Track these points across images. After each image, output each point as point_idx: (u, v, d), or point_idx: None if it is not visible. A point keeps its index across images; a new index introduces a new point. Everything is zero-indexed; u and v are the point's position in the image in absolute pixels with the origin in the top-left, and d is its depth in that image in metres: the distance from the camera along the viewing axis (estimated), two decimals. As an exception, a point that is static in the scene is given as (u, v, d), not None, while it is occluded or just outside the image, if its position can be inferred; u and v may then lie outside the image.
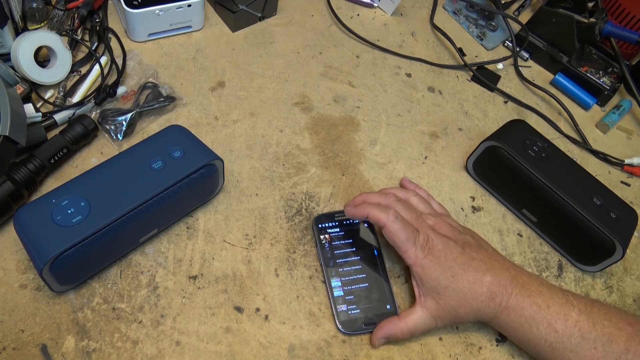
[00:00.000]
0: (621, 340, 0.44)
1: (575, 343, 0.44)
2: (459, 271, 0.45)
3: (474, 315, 0.47)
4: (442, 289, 0.45)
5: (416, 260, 0.46)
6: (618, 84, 0.76)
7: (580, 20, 0.74)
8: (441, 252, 0.46)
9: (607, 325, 0.45)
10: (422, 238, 0.47)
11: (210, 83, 0.63)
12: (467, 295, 0.45)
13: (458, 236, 0.49)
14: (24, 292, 0.45)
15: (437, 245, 0.46)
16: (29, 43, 0.54)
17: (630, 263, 0.61)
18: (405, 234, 0.46)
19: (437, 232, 0.48)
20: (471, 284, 0.45)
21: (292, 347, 0.47)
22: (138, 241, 0.49)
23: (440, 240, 0.47)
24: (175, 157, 0.47)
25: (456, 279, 0.45)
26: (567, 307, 0.46)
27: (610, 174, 0.70)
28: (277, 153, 0.59)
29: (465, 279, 0.45)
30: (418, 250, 0.46)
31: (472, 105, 0.71)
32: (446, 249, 0.46)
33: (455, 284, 0.45)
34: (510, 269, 0.47)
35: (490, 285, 0.45)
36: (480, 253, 0.47)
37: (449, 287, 0.45)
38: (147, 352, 0.44)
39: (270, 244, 0.53)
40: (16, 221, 0.42)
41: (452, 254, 0.46)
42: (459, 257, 0.46)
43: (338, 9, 0.76)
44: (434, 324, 0.47)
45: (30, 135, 0.50)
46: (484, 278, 0.45)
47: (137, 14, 0.60)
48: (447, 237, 0.48)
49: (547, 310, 0.45)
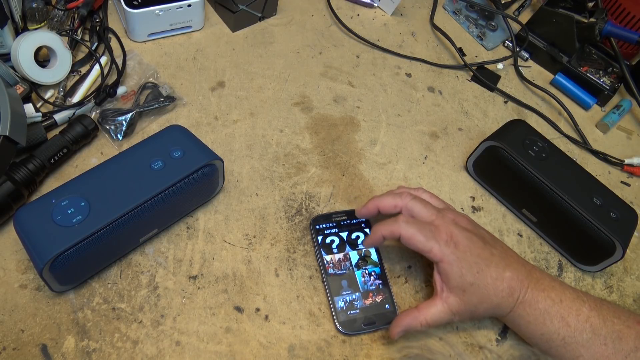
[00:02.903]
0: (630, 339, 0.44)
1: (587, 338, 0.45)
2: (483, 267, 0.45)
3: (492, 311, 0.47)
4: (467, 286, 0.45)
5: (443, 257, 0.45)
6: (618, 84, 0.76)
7: (580, 20, 0.74)
8: (466, 248, 0.45)
9: (616, 323, 0.45)
10: (445, 234, 0.46)
11: (210, 83, 0.63)
12: (489, 291, 0.45)
13: (476, 230, 0.48)
14: (24, 292, 0.46)
15: (462, 240, 0.45)
16: (29, 43, 0.54)
17: (630, 263, 0.61)
18: (423, 235, 0.45)
19: (459, 226, 0.47)
20: (494, 280, 0.45)
21: (292, 347, 0.47)
22: (138, 241, 0.49)
23: (464, 235, 0.46)
24: (175, 157, 0.47)
25: (481, 275, 0.45)
26: (579, 303, 0.46)
27: (610, 174, 0.70)
28: (277, 153, 0.59)
29: (489, 275, 0.45)
30: (443, 247, 0.45)
31: (472, 105, 0.71)
32: (470, 243, 0.45)
33: (480, 280, 0.45)
34: (524, 263, 0.48)
35: (510, 281, 0.45)
36: (497, 247, 0.47)
37: (475, 283, 0.45)
38: (147, 352, 0.44)
39: (270, 244, 0.53)
40: (16, 221, 0.42)
41: (476, 249, 0.45)
42: (482, 252, 0.45)
43: (338, 9, 0.76)
44: (452, 319, 0.47)
45: (30, 135, 0.50)
46: (504, 274, 0.45)
47: (137, 14, 0.60)
48: (469, 231, 0.47)
49: (561, 304, 0.45)
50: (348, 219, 0.55)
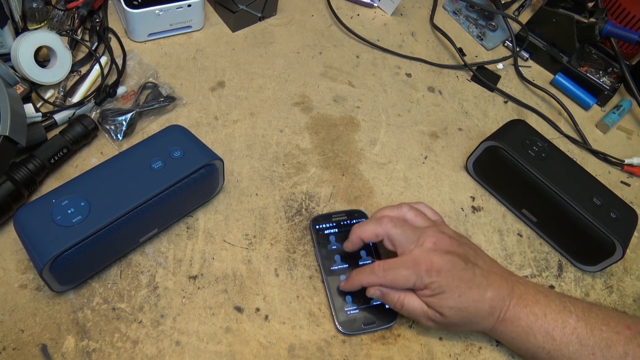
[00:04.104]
0: (619, 345, 0.44)
1: (574, 350, 0.44)
2: (465, 290, 0.44)
3: (470, 329, 0.47)
4: (447, 309, 0.44)
5: (426, 286, 0.44)
6: (618, 84, 0.76)
7: (580, 20, 0.74)
8: (448, 273, 0.44)
9: (605, 331, 0.45)
10: (424, 264, 0.44)
11: (210, 83, 0.63)
12: (470, 313, 0.45)
13: (458, 249, 0.47)
14: (24, 292, 0.46)
15: (444, 266, 0.44)
16: (29, 43, 0.54)
17: (630, 263, 0.61)
18: (403, 277, 0.45)
19: (440, 251, 0.45)
20: (475, 302, 0.44)
21: (292, 347, 0.47)
22: (138, 241, 0.49)
23: (444, 260, 0.44)
24: (175, 157, 0.47)
25: (463, 299, 0.44)
26: (565, 314, 0.45)
27: (610, 174, 0.70)
28: (277, 153, 0.59)
29: (470, 297, 0.44)
30: (425, 278, 0.44)
31: (472, 105, 0.71)
32: (452, 267, 0.44)
33: (461, 304, 0.44)
34: (507, 278, 0.47)
35: (491, 301, 0.45)
36: (480, 263, 0.47)
37: (455, 307, 0.44)
38: (147, 352, 0.45)
39: (270, 244, 0.53)
40: (16, 221, 0.42)
41: (458, 272, 0.44)
42: (464, 274, 0.45)
43: (338, 9, 0.76)
44: (429, 325, 0.47)
45: (30, 135, 0.50)
46: (485, 295, 0.45)
47: (137, 14, 0.60)
48: (450, 253, 0.45)
49: (545, 318, 0.45)
50: (348, 219, 0.55)
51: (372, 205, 0.58)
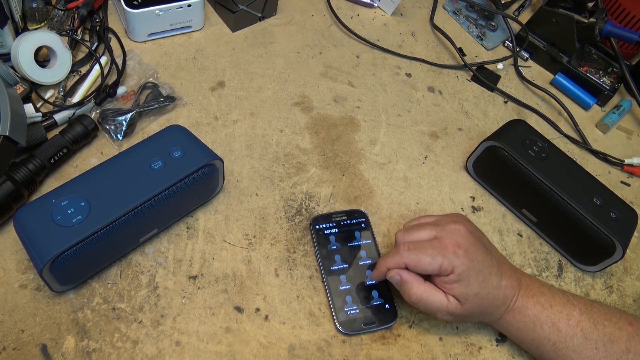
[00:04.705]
0: (622, 341, 0.44)
1: (578, 343, 0.45)
2: (487, 275, 0.44)
3: (482, 318, 0.47)
4: (472, 296, 0.44)
5: (454, 268, 0.43)
6: (618, 84, 0.76)
7: (580, 20, 0.74)
8: (473, 255, 0.44)
9: (607, 326, 0.45)
10: (451, 245, 0.44)
11: (210, 83, 0.63)
12: (488, 300, 0.44)
13: (477, 234, 0.47)
14: (24, 292, 0.46)
15: (469, 247, 0.44)
16: (29, 43, 0.54)
17: (630, 263, 0.61)
18: (429, 255, 0.43)
19: (462, 233, 0.45)
20: (494, 289, 0.44)
21: (292, 347, 0.47)
22: (138, 241, 0.49)
23: (469, 241, 0.44)
24: (175, 157, 0.47)
25: (485, 284, 0.44)
26: (569, 307, 0.46)
27: (610, 174, 0.70)
28: (277, 153, 0.59)
29: (490, 283, 0.44)
30: (452, 258, 0.43)
31: (472, 105, 0.71)
32: (476, 250, 0.44)
33: (483, 289, 0.44)
34: (515, 269, 0.48)
35: (505, 289, 0.45)
36: (494, 252, 0.47)
37: (479, 293, 0.44)
38: (147, 352, 0.45)
39: (270, 244, 0.53)
40: (16, 221, 0.42)
41: (481, 256, 0.44)
42: (485, 259, 0.44)
43: (338, 9, 0.76)
44: (445, 319, 0.46)
45: (30, 135, 0.50)
46: (501, 282, 0.45)
47: (137, 14, 0.60)
48: (472, 236, 0.45)
49: (551, 309, 0.45)
50: (348, 219, 0.55)
51: (372, 205, 0.58)
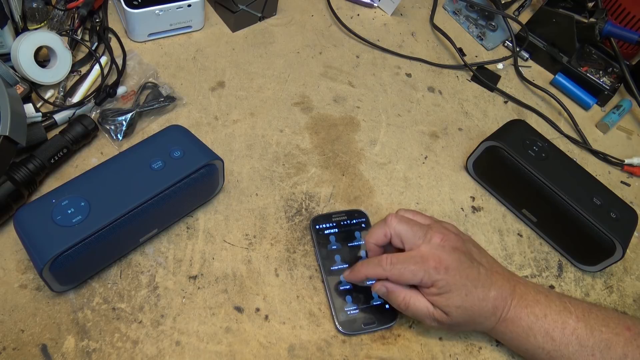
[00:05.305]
0: (619, 346, 0.44)
1: (573, 351, 0.44)
2: (471, 288, 0.44)
3: (472, 327, 0.47)
4: (454, 309, 0.44)
5: (433, 283, 0.43)
6: (618, 84, 0.76)
7: (580, 20, 0.74)
8: (455, 270, 0.43)
9: (604, 332, 0.45)
10: (433, 261, 0.44)
11: (210, 83, 0.63)
12: (474, 312, 0.44)
13: (464, 246, 0.46)
14: (24, 292, 0.46)
15: (451, 263, 0.43)
16: (29, 43, 0.54)
17: (630, 263, 0.61)
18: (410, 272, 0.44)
19: (447, 248, 0.45)
20: (480, 302, 0.44)
21: (292, 347, 0.47)
22: (138, 241, 0.49)
23: (452, 257, 0.44)
24: (175, 157, 0.47)
25: (468, 298, 0.44)
26: (565, 315, 0.46)
27: (610, 174, 0.70)
28: (277, 153, 0.59)
29: (476, 296, 0.44)
30: (433, 274, 0.43)
31: (472, 105, 0.71)
32: (459, 265, 0.44)
33: (467, 303, 0.44)
34: (509, 278, 0.47)
35: (494, 301, 0.45)
36: (483, 262, 0.46)
37: (461, 306, 0.44)
38: (147, 352, 0.44)
39: (270, 244, 0.53)
40: (16, 221, 0.42)
41: (465, 269, 0.44)
42: (470, 272, 0.44)
43: (338, 9, 0.76)
44: (432, 326, 0.46)
45: (30, 135, 0.50)
46: (489, 294, 0.45)
47: (137, 14, 0.60)
48: (457, 250, 0.45)
49: (545, 319, 0.45)
50: (348, 219, 0.55)
51: (372, 205, 0.58)
